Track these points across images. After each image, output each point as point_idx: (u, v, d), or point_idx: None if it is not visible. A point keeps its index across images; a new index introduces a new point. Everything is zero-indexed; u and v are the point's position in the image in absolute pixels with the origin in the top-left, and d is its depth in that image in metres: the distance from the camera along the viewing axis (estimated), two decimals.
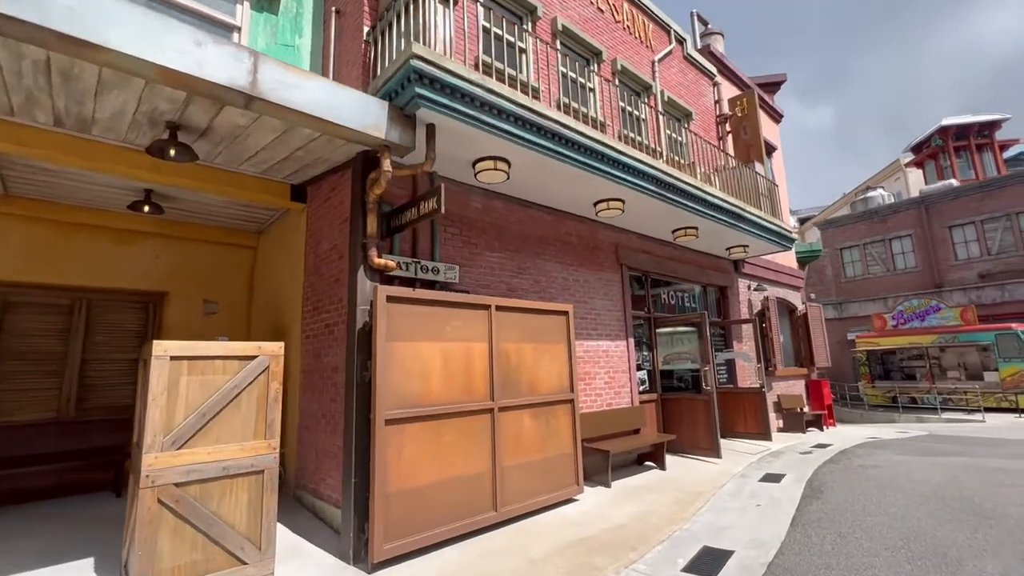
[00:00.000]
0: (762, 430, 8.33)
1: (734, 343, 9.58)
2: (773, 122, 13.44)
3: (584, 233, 6.94)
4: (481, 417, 4.47)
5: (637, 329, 7.76)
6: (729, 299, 9.78)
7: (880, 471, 6.19)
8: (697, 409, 7.24)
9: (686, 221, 7.35)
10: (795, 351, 11.99)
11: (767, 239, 8.64)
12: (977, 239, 19.57)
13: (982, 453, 7.42)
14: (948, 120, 34.33)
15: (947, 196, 20.62)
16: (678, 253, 8.69)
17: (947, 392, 17.22)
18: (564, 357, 5.41)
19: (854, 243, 23.06)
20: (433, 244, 5.13)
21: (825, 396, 11.32)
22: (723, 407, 8.83)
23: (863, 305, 22.18)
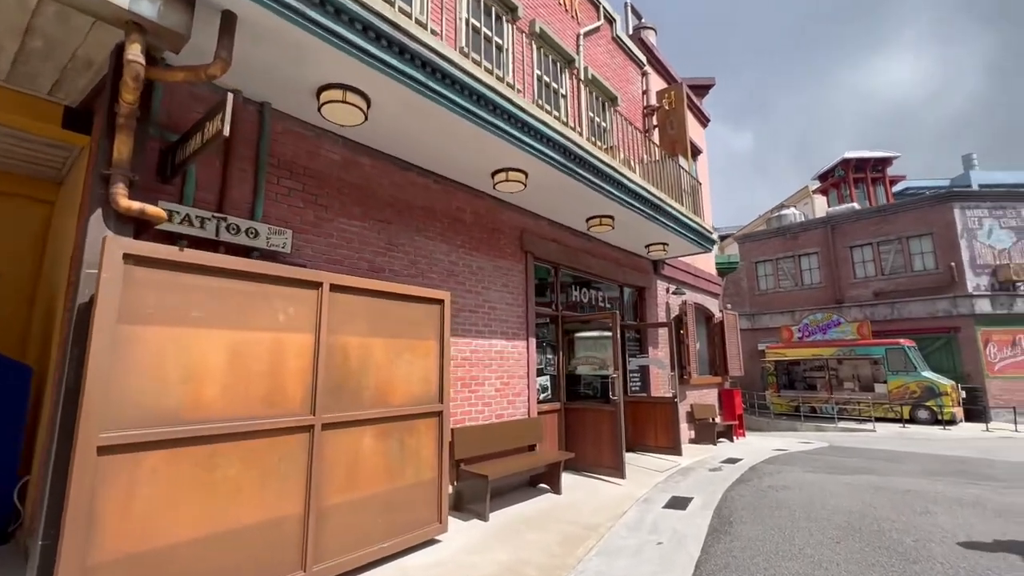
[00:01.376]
0: (672, 444, 7.59)
1: (650, 348, 8.85)
2: (700, 125, 13.11)
3: (482, 211, 5.79)
4: (291, 438, 3.14)
5: (541, 328, 6.73)
6: (647, 301, 9.05)
7: (791, 495, 5.52)
8: (602, 422, 6.30)
9: (601, 208, 6.42)
10: (710, 359, 11.59)
11: (688, 238, 7.96)
12: (873, 259, 20.72)
13: (885, 470, 7.08)
14: (849, 154, 37.08)
15: (850, 218, 21.74)
16: (593, 246, 7.78)
17: (843, 402, 17.92)
18: (434, 357, 4.20)
19: (768, 258, 23.84)
20: (255, 197, 3.74)
21: (737, 406, 10.97)
22: (634, 417, 8.03)
23: (773, 317, 22.93)
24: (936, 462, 7.95)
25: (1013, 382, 17.61)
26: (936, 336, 18.78)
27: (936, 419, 16.23)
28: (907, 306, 19.47)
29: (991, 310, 18.07)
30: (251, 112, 3.84)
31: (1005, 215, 18.94)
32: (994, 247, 18.69)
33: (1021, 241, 18.76)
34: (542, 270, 6.88)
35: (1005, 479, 6.46)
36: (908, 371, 16.99)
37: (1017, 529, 4.27)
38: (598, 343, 7.20)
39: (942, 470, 7.13)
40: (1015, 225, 18.87)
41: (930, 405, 16.40)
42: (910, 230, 19.84)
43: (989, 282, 18.38)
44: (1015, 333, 17.97)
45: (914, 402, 16.69)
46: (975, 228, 18.84)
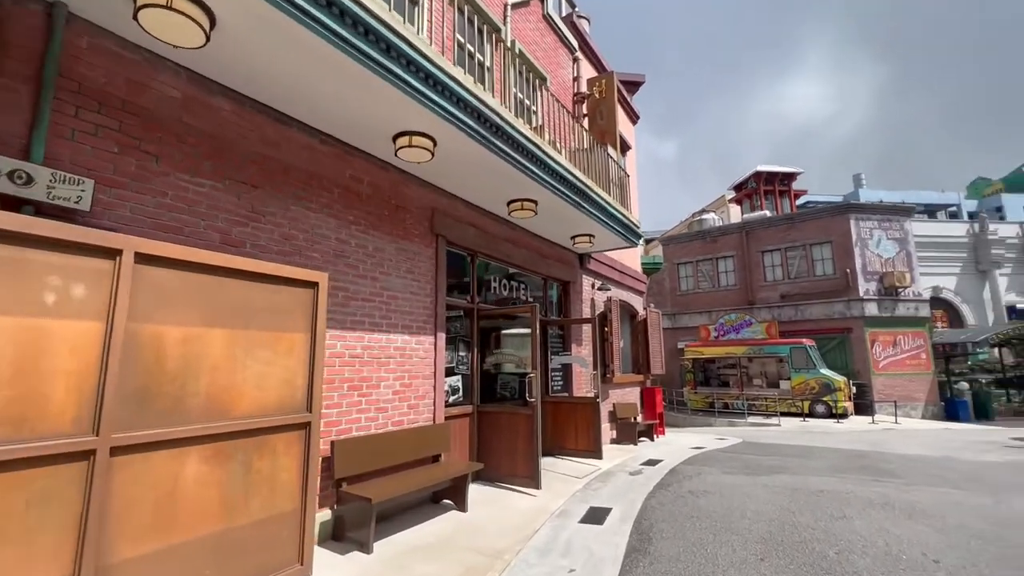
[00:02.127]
0: (593, 447, 7.15)
1: (573, 346, 8.39)
2: (630, 121, 12.97)
3: (383, 183, 4.93)
4: (54, 470, 2.16)
5: (453, 322, 5.99)
6: (571, 296, 8.59)
7: (712, 501, 5.20)
8: (518, 426, 5.68)
9: (523, 190, 5.78)
10: (633, 357, 11.42)
11: (615, 230, 7.55)
12: (781, 264, 22.03)
13: (797, 468, 7.08)
14: (761, 167, 39.75)
15: (762, 224, 22.99)
16: (516, 234, 7.15)
17: (752, 398, 18.82)
18: (302, 354, 3.31)
19: (689, 260, 24.70)
20: (32, 130, 2.67)
21: (658, 404, 10.87)
22: (555, 419, 7.52)
23: (693, 317, 23.77)
24: (840, 457, 8.16)
25: (893, 378, 19.37)
26: (832, 336, 20.26)
27: (831, 413, 17.42)
28: (809, 308, 20.86)
29: (877, 313, 19.75)
30: (32, 13, 2.75)
31: (891, 228, 20.81)
32: (881, 256, 20.47)
33: (902, 251, 20.69)
34: (456, 257, 6.13)
35: (902, 475, 6.61)
36: (809, 369, 18.13)
37: (927, 532, 4.15)
38: (517, 339, 6.59)
39: (847, 466, 7.25)
40: (898, 237, 20.79)
41: (826, 400, 17.59)
42: (813, 238, 21.27)
43: (876, 287, 20.10)
44: (896, 334, 19.77)
45: (813, 397, 17.83)
46: (867, 238, 20.53)
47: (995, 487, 5.87)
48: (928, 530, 4.19)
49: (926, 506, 4.90)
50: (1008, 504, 4.99)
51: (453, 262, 6.05)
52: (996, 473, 6.97)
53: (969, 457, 8.77)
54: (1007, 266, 37.36)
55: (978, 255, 36.37)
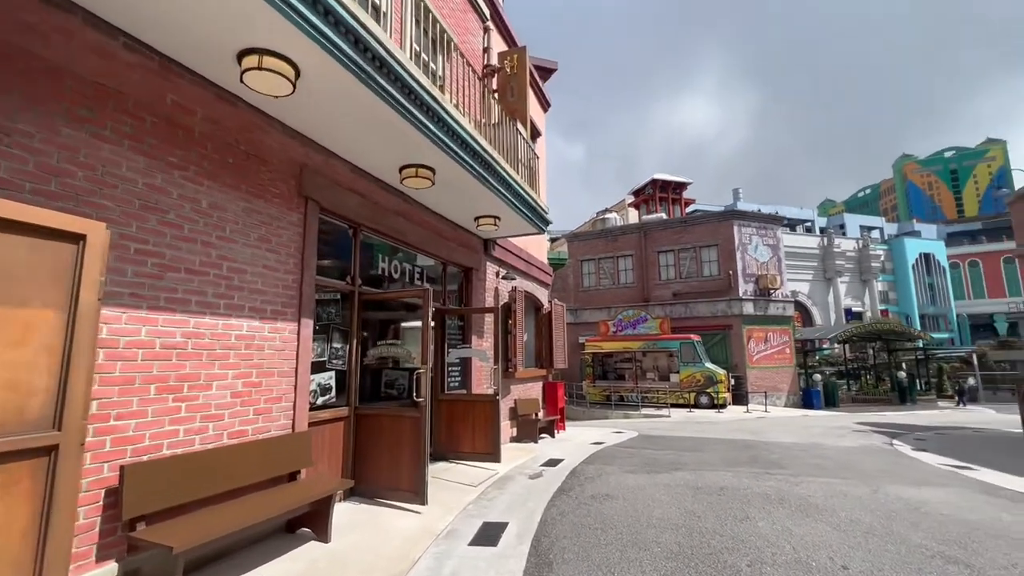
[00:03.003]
0: (491, 449, 6.46)
1: (474, 338, 7.64)
2: (541, 108, 12.51)
3: (228, 122, 3.74)
4: None
5: (327, 307, 4.92)
6: (474, 284, 7.83)
7: (615, 507, 4.74)
8: (402, 431, 4.78)
9: (419, 153, 4.87)
10: (536, 351, 10.99)
11: (522, 213, 6.91)
12: (674, 264, 23.29)
13: (694, 463, 7.00)
14: (657, 175, 42.29)
15: (659, 226, 24.13)
16: (411, 209, 6.21)
17: (645, 391, 19.59)
18: (49, 342, 2.16)
19: (592, 257, 25.23)
20: None
21: (560, 399, 10.54)
22: (450, 419, 6.71)
23: (593, 312, 24.30)
24: (729, 449, 8.34)
25: (764, 371, 21.31)
26: (716, 332, 21.79)
27: (713, 403, 18.67)
28: (697, 306, 22.25)
29: (753, 312, 21.60)
30: None
31: (766, 235, 22.87)
32: (758, 260, 22.43)
33: (774, 257, 22.85)
34: (334, 229, 5.06)
35: (787, 466, 6.78)
36: (695, 363, 19.26)
37: (827, 531, 4.01)
38: (409, 330, 5.69)
39: (737, 458, 7.33)
40: (771, 244, 22.92)
41: (710, 392, 18.80)
42: (703, 241, 22.72)
43: (753, 288, 21.98)
44: (767, 331, 21.77)
45: (698, 389, 18.97)
46: (747, 243, 22.36)
47: (864, 475, 6.15)
48: (827, 528, 4.05)
49: (817, 500, 4.87)
50: (883, 493, 5.14)
51: (329, 235, 4.98)
52: (859, 459, 7.46)
53: (832, 443, 9.50)
54: (846, 275, 43.58)
55: (825, 265, 41.96)
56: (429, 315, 4.85)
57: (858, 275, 44.50)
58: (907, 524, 4.10)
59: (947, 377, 27.55)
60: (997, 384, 30.98)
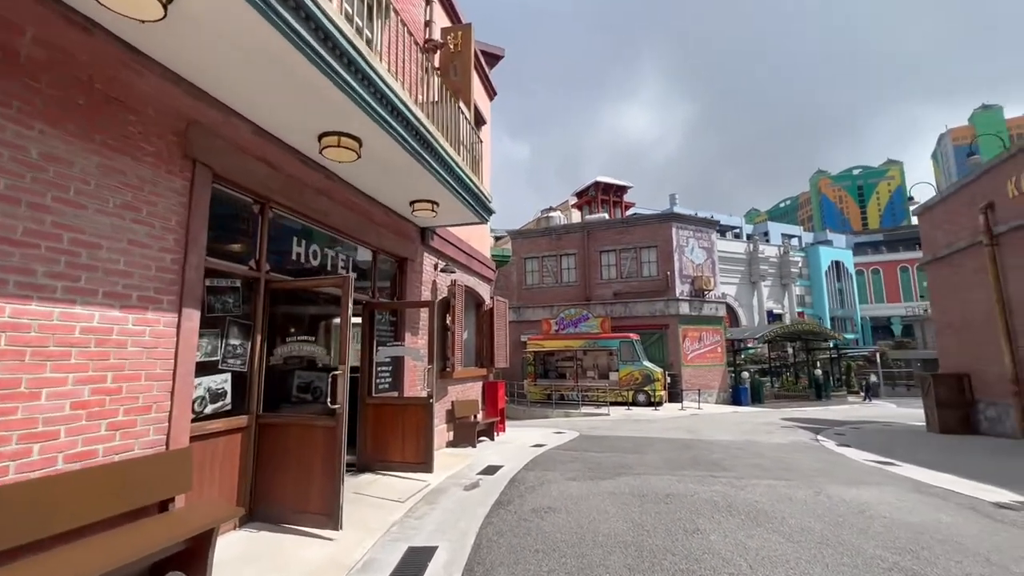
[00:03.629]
0: (423, 458, 5.81)
1: (407, 335, 6.94)
2: (487, 95, 11.93)
3: (78, 52, 2.87)
4: None
5: (223, 297, 4.08)
6: (408, 276, 7.13)
7: (559, 522, 4.28)
8: (314, 443, 4.05)
9: (343, 119, 4.16)
10: (477, 349, 10.42)
11: (463, 199, 6.32)
12: (616, 264, 23.55)
13: (637, 465, 6.73)
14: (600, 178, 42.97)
15: (602, 226, 24.31)
16: (335, 188, 5.44)
17: (585, 389, 19.58)
18: None
19: (536, 255, 25.00)
20: None
21: (500, 399, 10.04)
22: (377, 425, 5.99)
23: (536, 311, 24.07)
24: (670, 449, 8.19)
25: (698, 370, 21.99)
26: (653, 331, 22.21)
27: (650, 401, 18.96)
28: (636, 305, 22.59)
29: (689, 312, 22.23)
30: None
31: (702, 238, 23.64)
32: (694, 262, 23.13)
33: (709, 259, 23.68)
34: (235, 203, 4.23)
35: (729, 467, 6.66)
36: (634, 361, 19.47)
37: (780, 542, 3.75)
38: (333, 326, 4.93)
39: (679, 460, 7.15)
40: (706, 247, 23.73)
41: (647, 390, 19.07)
42: (643, 242, 23.11)
43: (689, 289, 22.64)
44: (701, 331, 22.49)
45: (636, 388, 19.19)
46: (684, 245, 22.99)
47: (802, 475, 6.12)
48: (780, 540, 3.79)
49: (764, 505, 4.66)
50: (825, 495, 5.05)
51: (228, 210, 4.14)
52: (793, 458, 7.52)
53: (764, 440, 9.67)
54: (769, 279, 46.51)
55: (751, 269, 44.53)
56: (349, 307, 4.14)
57: (779, 279, 47.67)
58: (856, 531, 3.93)
59: (854, 374, 29.93)
60: (895, 380, 34.26)
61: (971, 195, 11.33)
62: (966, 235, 11.51)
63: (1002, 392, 10.47)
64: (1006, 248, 10.23)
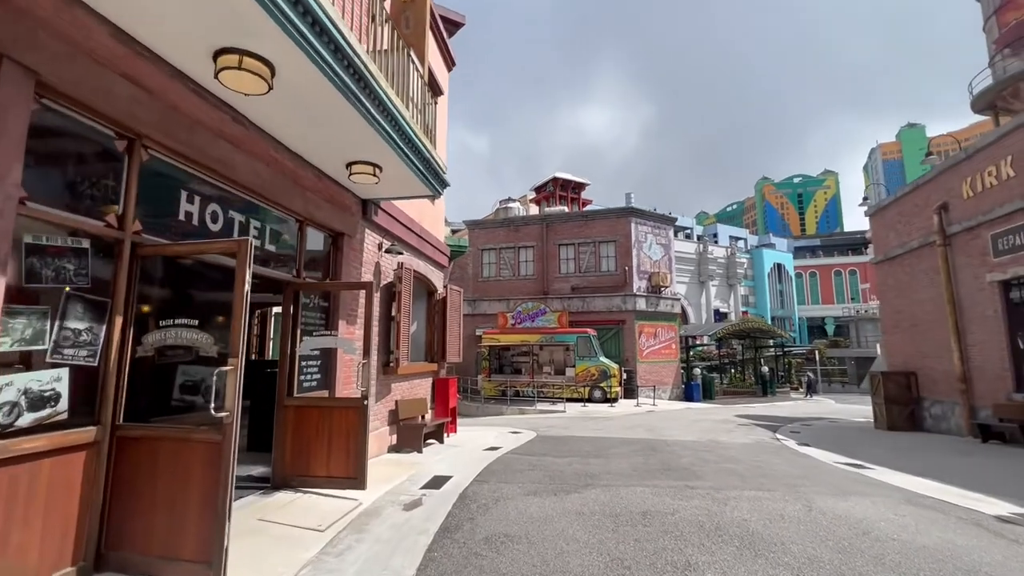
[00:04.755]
0: (352, 472, 4.77)
1: (342, 324, 5.85)
2: (444, 65, 10.85)
3: None
4: None
5: (61, 260, 2.90)
6: (345, 254, 6.02)
7: (518, 556, 3.40)
8: (190, 464, 2.97)
9: (244, 31, 3.07)
10: (427, 343, 9.40)
11: (412, 165, 5.31)
12: (574, 258, 23.01)
13: (603, 474, 5.99)
14: (559, 174, 42.51)
15: (561, 218, 23.70)
16: (247, 136, 4.29)
17: (541, 385, 18.91)
18: None
19: (493, 246, 24.08)
20: None
21: (451, 397, 9.08)
22: (300, 431, 4.89)
23: (492, 304, 23.18)
24: (636, 452, 7.53)
25: (653, 365, 21.84)
26: (610, 327, 21.86)
27: (606, 397, 18.54)
28: (594, 300, 22.15)
29: (645, 308, 22.02)
30: None
31: (659, 234, 23.51)
32: (651, 258, 22.96)
33: (666, 256, 23.60)
34: (84, 134, 3.05)
35: (703, 475, 6.03)
36: (591, 357, 18.97)
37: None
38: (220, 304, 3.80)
39: (648, 467, 6.48)
40: (664, 243, 23.62)
41: (603, 386, 18.61)
42: (602, 236, 22.68)
43: (646, 285, 22.44)
44: (657, 327, 22.37)
45: (592, 383, 18.70)
46: (642, 241, 22.76)
47: (783, 483, 5.57)
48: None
49: (756, 526, 3.99)
50: (817, 510, 4.46)
51: (70, 142, 2.96)
52: (764, 461, 7.03)
53: (728, 439, 9.25)
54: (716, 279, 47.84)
55: (700, 269, 45.59)
56: (246, 279, 3.06)
57: (726, 280, 49.17)
58: (871, 560, 3.31)
59: (794, 372, 31.03)
60: (831, 377, 35.98)
61: (925, 196, 11.41)
62: (918, 235, 11.60)
63: (947, 390, 10.59)
64: (958, 248, 10.29)
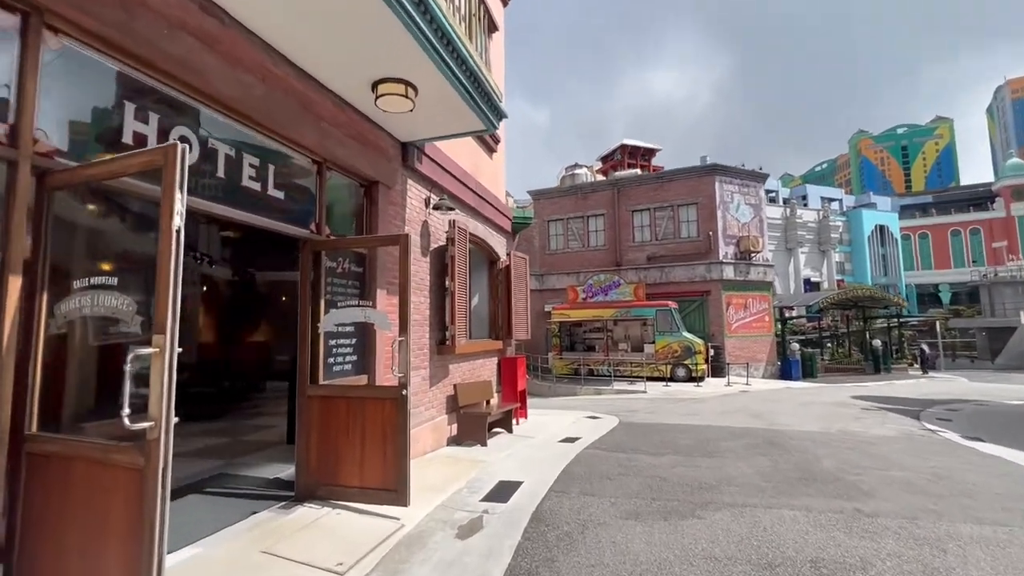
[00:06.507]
0: (390, 483, 3.60)
1: (380, 295, 4.70)
2: (500, 1, 9.33)
3: None
4: None
5: None
6: (381, 207, 4.82)
7: None
8: (108, 498, 1.89)
9: None
10: (490, 318, 8.17)
11: (456, 81, 3.95)
12: (650, 224, 20.78)
13: (720, 483, 4.43)
14: (627, 140, 39.55)
15: (633, 182, 21.46)
16: (220, 30, 3.13)
17: (617, 363, 17.27)
18: None
19: (560, 217, 22.41)
20: None
21: (520, 379, 7.82)
22: (326, 428, 3.80)
23: (560, 278, 21.66)
24: (752, 448, 5.84)
25: (743, 340, 19.33)
26: (693, 299, 19.56)
27: (691, 376, 16.55)
28: (673, 270, 19.90)
29: (733, 276, 19.43)
30: None
31: (748, 193, 20.58)
32: (739, 220, 20.16)
33: (756, 217, 20.66)
34: None
35: (871, 490, 4.29)
36: (672, 332, 16.98)
37: None
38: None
39: (779, 470, 4.81)
40: (753, 203, 20.67)
41: (687, 363, 16.61)
42: (681, 198, 20.22)
43: (733, 251, 19.78)
44: (747, 297, 19.72)
45: (675, 361, 16.75)
46: (728, 201, 20.01)
47: (1011, 510, 3.71)
48: None
49: None
50: None
51: None
52: (948, 468, 5.08)
53: (860, 429, 7.23)
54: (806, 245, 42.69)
55: (788, 235, 40.79)
56: (174, 209, 1.87)
57: (817, 246, 43.72)
58: None
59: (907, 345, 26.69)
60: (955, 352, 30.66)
61: None
62: None
63: None
64: None
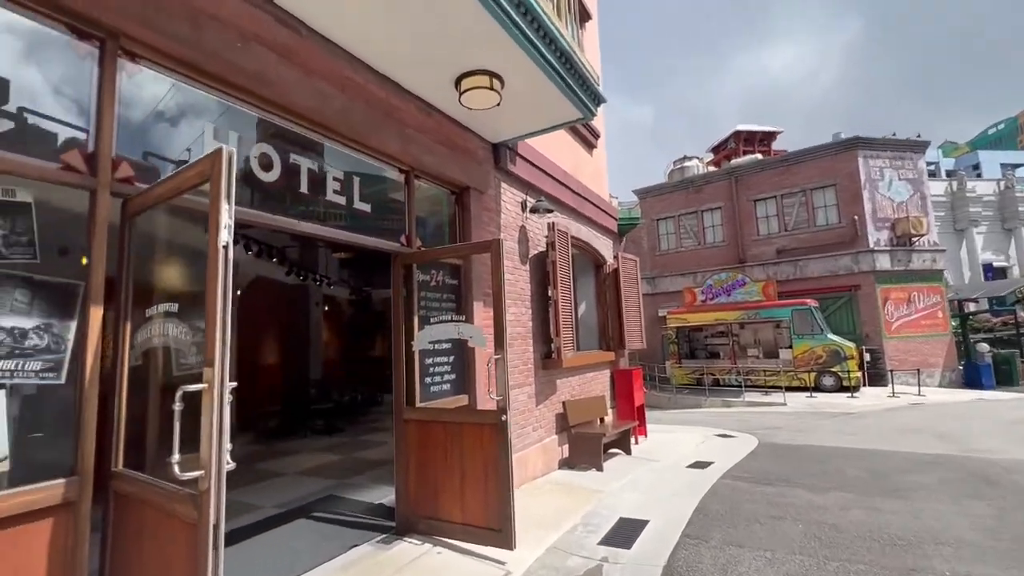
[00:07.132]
0: (493, 521, 3.12)
1: (477, 308, 4.33)
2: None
3: None
4: None
5: None
6: (474, 214, 4.48)
7: None
8: (171, 548, 1.66)
9: None
10: (599, 327, 7.47)
11: (547, 64, 3.46)
12: (777, 214, 18.23)
13: (917, 535, 3.25)
14: (741, 126, 35.84)
15: (754, 168, 19.08)
16: (297, 41, 2.99)
17: (747, 372, 15.24)
18: None
19: (670, 214, 20.77)
20: None
21: (637, 395, 6.98)
22: (425, 455, 3.47)
23: (674, 280, 19.99)
24: (958, 489, 4.36)
25: (908, 342, 15.93)
26: (837, 296, 16.65)
27: (841, 386, 13.95)
28: (809, 264, 17.17)
29: (890, 266, 16.18)
30: None
31: (903, 167, 17.09)
32: (893, 200, 16.80)
33: (916, 193, 17.05)
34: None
35: None
36: (814, 334, 14.51)
37: None
38: None
39: (1010, 523, 3.43)
40: (911, 177, 17.11)
41: (836, 371, 14.05)
42: (814, 181, 17.45)
43: (888, 237, 16.48)
44: (910, 290, 16.27)
45: (820, 368, 14.26)
46: (877, 179, 16.79)
47: None
48: None
49: None
50: None
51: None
52: None
53: None
54: (983, 224, 34.59)
55: (955, 214, 33.40)
56: (221, 222, 1.60)
57: (999, 223, 35.04)
58: None
59: None
60: None
61: None
62: None
63: None
64: None
